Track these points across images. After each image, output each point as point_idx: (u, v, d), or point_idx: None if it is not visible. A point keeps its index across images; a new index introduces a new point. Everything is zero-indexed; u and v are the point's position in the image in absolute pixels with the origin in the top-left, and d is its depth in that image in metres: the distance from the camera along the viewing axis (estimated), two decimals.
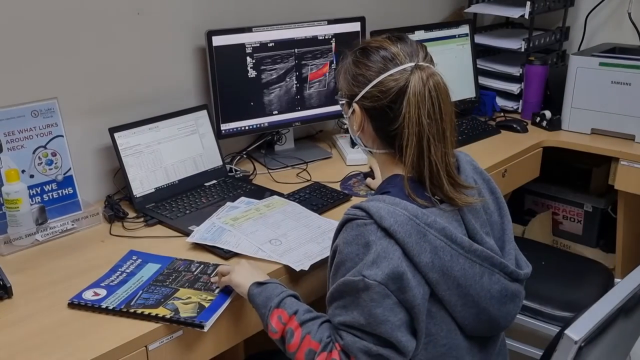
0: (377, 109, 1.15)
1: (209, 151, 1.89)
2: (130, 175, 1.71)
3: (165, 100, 1.90)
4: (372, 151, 1.24)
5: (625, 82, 2.18)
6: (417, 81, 1.10)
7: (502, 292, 1.13)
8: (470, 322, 1.12)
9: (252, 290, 1.23)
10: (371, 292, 1.04)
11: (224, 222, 1.55)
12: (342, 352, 1.11)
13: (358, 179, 1.92)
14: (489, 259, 1.11)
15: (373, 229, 1.06)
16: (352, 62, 1.19)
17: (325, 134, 2.35)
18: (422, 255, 1.05)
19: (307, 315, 1.18)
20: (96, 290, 1.32)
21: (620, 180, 2.18)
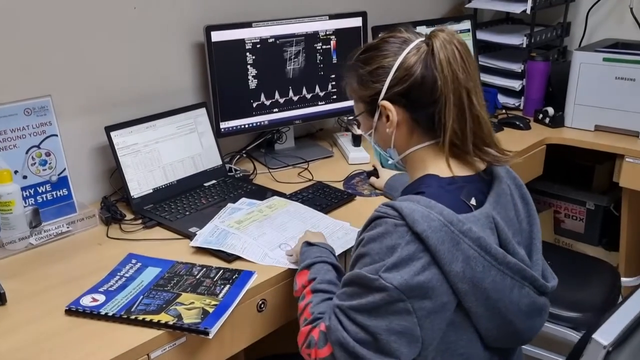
0: (411, 88, 1.10)
1: (208, 150, 1.84)
2: (127, 175, 1.66)
3: (163, 98, 1.85)
4: (408, 153, 1.18)
5: (630, 77, 2.15)
6: (442, 42, 1.07)
7: (530, 306, 1.08)
8: (494, 334, 1.07)
9: (302, 249, 1.31)
10: (383, 294, 1.00)
11: (229, 226, 1.50)
12: (322, 333, 1.10)
13: (361, 178, 1.88)
14: (521, 271, 1.06)
15: (402, 232, 1.01)
16: (361, 63, 1.16)
17: (325, 132, 2.30)
18: (454, 265, 1.00)
19: (321, 286, 1.20)
20: (94, 295, 1.27)
21: (625, 178, 2.15)
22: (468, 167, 1.14)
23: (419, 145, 1.15)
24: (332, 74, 2.04)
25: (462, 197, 1.09)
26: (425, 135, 1.14)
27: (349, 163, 2.00)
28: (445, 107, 1.08)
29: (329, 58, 2.02)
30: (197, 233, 1.48)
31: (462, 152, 1.12)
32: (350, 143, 2.09)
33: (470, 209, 1.08)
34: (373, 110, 1.16)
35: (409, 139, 1.16)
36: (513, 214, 1.13)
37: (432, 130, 1.13)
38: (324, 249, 1.30)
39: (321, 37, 1.99)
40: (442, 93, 1.07)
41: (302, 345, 1.14)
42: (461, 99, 1.08)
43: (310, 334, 1.12)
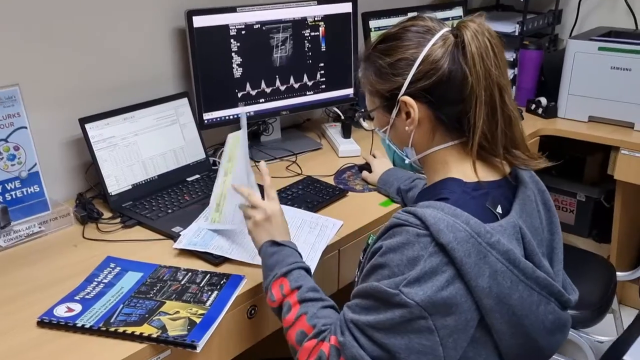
0: (437, 83, 1.00)
1: (190, 143, 1.73)
2: (104, 171, 1.54)
3: (142, 87, 1.73)
4: (429, 152, 1.08)
5: (626, 67, 2.09)
6: (473, 34, 0.98)
7: (555, 323, 1.01)
8: (515, 351, 0.99)
9: (266, 248, 1.18)
10: (404, 310, 0.91)
11: (214, 221, 1.39)
12: (333, 348, 1.00)
13: (352, 172, 1.79)
14: (548, 287, 0.98)
15: (426, 243, 0.92)
16: (381, 54, 1.04)
17: (313, 123, 2.20)
18: (480, 279, 0.92)
19: (309, 295, 1.09)
20: (70, 305, 1.16)
21: (620, 170, 2.10)
22: (494, 171, 1.05)
23: (441, 146, 1.06)
24: (321, 62, 1.94)
25: (488, 205, 1.00)
26: (448, 135, 1.05)
27: (339, 156, 1.91)
28: (476, 106, 0.98)
29: (317, 45, 1.92)
30: (181, 234, 1.38)
31: (489, 154, 1.03)
32: (340, 135, 2.00)
33: (496, 217, 1.00)
34: (391, 105, 1.06)
35: (430, 139, 1.06)
36: (538, 223, 1.06)
37: (457, 130, 1.04)
38: (293, 250, 1.18)
39: (309, 24, 1.89)
40: (472, 90, 0.98)
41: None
42: (493, 97, 0.98)
43: (318, 348, 1.02)
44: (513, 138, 1.03)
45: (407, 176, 1.61)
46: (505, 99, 1.00)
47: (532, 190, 1.08)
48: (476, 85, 0.97)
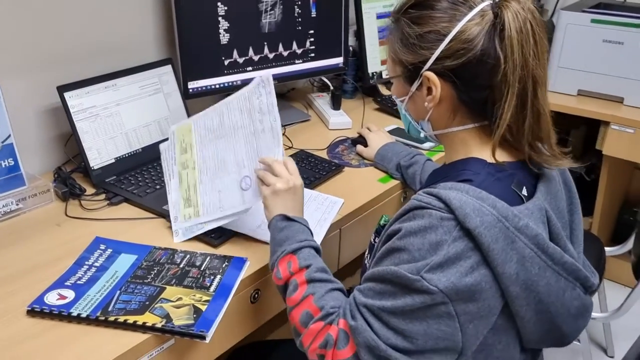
0: (466, 65, 0.92)
1: (175, 113, 1.62)
2: (85, 143, 1.43)
3: (123, 53, 1.60)
4: (448, 131, 1.01)
5: (618, 41, 2.06)
6: (514, 15, 0.89)
7: (580, 309, 0.97)
8: (537, 337, 0.96)
9: (276, 222, 1.11)
10: (425, 296, 0.86)
11: (187, 217, 1.27)
12: (342, 332, 0.94)
13: (346, 145, 1.72)
14: (575, 272, 0.94)
15: (450, 227, 0.86)
16: (410, 22, 0.96)
17: (298, 92, 2.11)
18: (507, 266, 0.87)
19: (319, 275, 1.04)
20: (61, 291, 1.07)
21: (609, 145, 2.09)
22: (515, 152, 0.99)
23: (461, 127, 0.99)
24: (311, 29, 1.84)
25: (514, 187, 0.94)
26: (469, 117, 0.98)
27: (330, 128, 1.83)
28: (507, 96, 0.91)
29: (307, 11, 1.82)
30: (174, 226, 1.27)
31: (510, 145, 0.97)
32: (329, 105, 1.92)
33: (522, 200, 0.95)
34: (413, 77, 0.99)
35: (451, 118, 1.00)
36: (562, 204, 1.01)
37: (479, 113, 0.97)
38: (305, 227, 1.12)
39: None
40: (504, 79, 0.90)
41: (313, 344, 0.97)
42: (525, 90, 0.91)
43: (325, 332, 0.96)
44: (539, 134, 0.96)
45: (406, 152, 1.55)
46: (538, 92, 0.93)
47: (555, 170, 1.03)
48: (510, 75, 0.90)
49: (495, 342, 0.94)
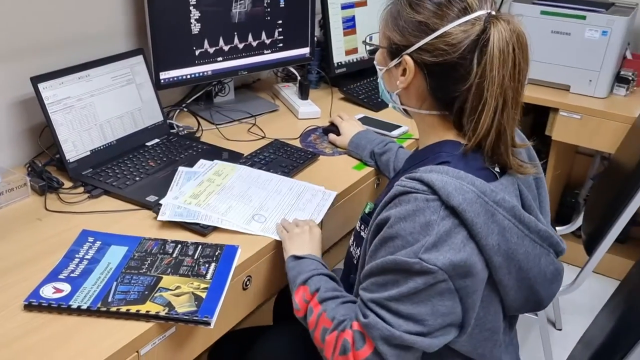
0: (440, 65, 0.97)
1: (147, 104, 1.61)
2: (60, 135, 1.40)
3: (94, 43, 1.58)
4: (415, 111, 1.07)
5: (566, 31, 2.19)
6: (501, 34, 0.93)
7: (554, 273, 1.05)
8: (518, 303, 1.03)
9: (289, 263, 1.18)
10: (427, 277, 0.91)
11: (186, 202, 1.30)
12: (357, 333, 0.98)
13: (317, 134, 1.75)
14: (549, 238, 1.02)
15: (436, 207, 0.92)
16: (408, 5, 1.00)
17: (263, 83, 2.13)
18: (489, 237, 0.93)
19: (328, 294, 1.08)
20: (56, 285, 1.06)
21: (557, 131, 2.22)
22: None
23: (427, 112, 1.06)
24: (279, 19, 1.86)
25: (487, 164, 1.01)
26: (435, 105, 1.04)
27: (299, 118, 1.86)
28: (484, 110, 0.95)
29: (276, 2, 1.83)
30: (162, 203, 1.29)
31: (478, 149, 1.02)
32: (297, 95, 1.94)
33: (495, 176, 1.02)
34: (394, 55, 1.04)
35: (419, 102, 1.06)
36: (530, 179, 1.09)
37: (445, 107, 1.03)
38: (314, 260, 1.17)
39: None
40: (477, 88, 0.95)
41: (334, 355, 1.01)
42: (496, 108, 0.95)
43: (340, 339, 1.00)
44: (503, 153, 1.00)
45: (379, 139, 1.60)
46: (504, 112, 0.96)
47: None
48: (486, 90, 0.94)
49: (486, 314, 1.01)
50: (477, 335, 1.01)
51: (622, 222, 1.73)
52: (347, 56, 2.07)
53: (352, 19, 2.07)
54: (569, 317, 2.36)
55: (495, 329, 1.03)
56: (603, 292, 1.07)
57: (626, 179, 1.78)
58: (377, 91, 2.01)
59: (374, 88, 2.05)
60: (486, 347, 1.04)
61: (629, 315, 1.04)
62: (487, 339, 1.03)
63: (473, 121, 0.97)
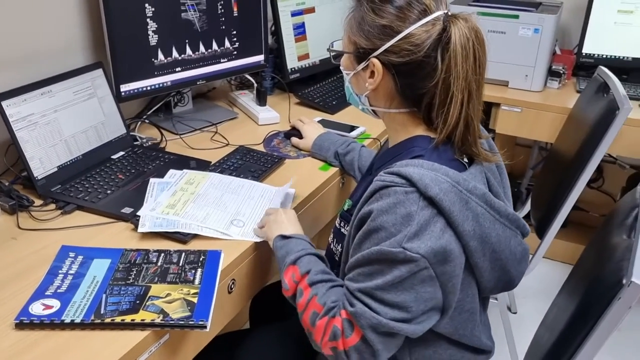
0: (407, 64, 1.04)
1: (110, 118, 1.61)
2: (27, 153, 1.39)
3: (53, 59, 1.56)
4: (385, 111, 1.14)
5: (501, 30, 2.33)
6: (461, 31, 1.01)
7: (522, 253, 1.13)
8: (492, 284, 1.11)
9: (276, 242, 1.20)
10: (411, 264, 0.98)
11: (163, 213, 1.32)
12: (346, 321, 1.04)
13: (280, 139, 1.80)
14: (516, 221, 1.10)
15: (415, 198, 0.98)
16: (371, 10, 1.06)
17: (218, 91, 2.15)
18: (465, 224, 1.00)
19: (319, 277, 1.12)
20: (45, 301, 1.05)
21: (500, 124, 2.36)
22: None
23: (397, 110, 1.12)
24: (233, 28, 1.89)
25: (456, 156, 1.09)
26: (403, 103, 1.11)
27: (260, 124, 1.90)
28: (451, 104, 1.02)
29: (230, 11, 1.86)
30: (140, 215, 1.30)
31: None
32: (254, 102, 1.98)
33: (464, 166, 1.10)
34: (361, 59, 1.10)
35: (388, 102, 1.12)
36: (494, 167, 1.17)
37: (413, 104, 1.10)
38: (302, 240, 1.20)
39: None
40: (443, 83, 1.02)
41: (324, 339, 1.06)
42: (463, 100, 1.02)
43: (330, 325, 1.05)
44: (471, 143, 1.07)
45: (342, 140, 1.66)
46: (470, 103, 1.04)
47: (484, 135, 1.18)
48: (453, 84, 1.01)
49: (464, 296, 1.08)
50: (457, 317, 1.08)
51: (567, 208, 1.85)
52: (299, 62, 2.13)
53: (302, 25, 2.12)
54: (522, 300, 2.50)
55: (474, 310, 1.11)
56: (550, 275, 1.17)
57: (567, 166, 1.91)
58: (332, 94, 2.09)
59: (328, 91, 2.11)
60: (467, 328, 1.12)
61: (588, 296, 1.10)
62: (466, 319, 1.10)
63: (442, 114, 1.04)
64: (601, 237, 1.23)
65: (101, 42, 1.63)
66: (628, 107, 1.71)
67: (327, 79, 2.21)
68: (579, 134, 1.92)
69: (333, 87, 2.15)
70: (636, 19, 2.42)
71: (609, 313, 0.97)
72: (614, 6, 2.44)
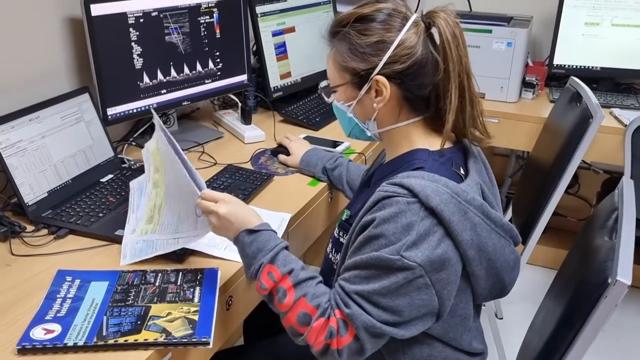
0: (412, 67, 1.08)
1: (98, 141, 1.62)
2: (17, 179, 1.38)
3: (38, 85, 1.57)
4: (390, 129, 1.16)
5: (476, 45, 2.40)
6: (446, 22, 1.07)
7: (515, 261, 1.17)
8: (486, 292, 1.14)
9: (242, 238, 1.14)
10: (407, 272, 1.01)
11: (142, 232, 1.32)
12: (341, 321, 1.06)
13: (267, 156, 1.82)
14: (510, 231, 1.13)
15: (416, 209, 1.01)
16: (357, 34, 1.10)
17: (202, 112, 2.17)
18: (464, 233, 1.03)
19: (302, 275, 1.11)
20: (45, 326, 1.06)
21: None
22: (448, 139, 1.16)
23: (405, 122, 1.15)
24: (217, 49, 1.92)
25: (454, 169, 1.12)
26: (413, 112, 1.14)
27: (246, 142, 1.92)
28: (451, 91, 1.08)
29: (212, 32, 1.89)
30: (122, 250, 1.29)
31: (453, 131, 1.14)
32: (239, 121, 2.00)
33: (461, 178, 1.13)
34: (363, 82, 1.12)
35: (395, 115, 1.15)
36: (486, 178, 1.21)
37: (421, 109, 1.14)
38: (270, 231, 1.16)
39: (203, 10, 1.85)
40: (447, 75, 1.08)
41: (318, 339, 1.07)
42: (463, 82, 1.09)
43: (326, 325, 1.07)
44: (475, 118, 1.15)
45: (329, 155, 1.69)
46: (471, 84, 1.12)
47: (475, 150, 1.23)
48: (451, 72, 1.08)
49: (458, 302, 1.12)
50: (448, 321, 1.12)
51: (547, 214, 1.91)
52: (282, 80, 2.16)
53: (283, 44, 2.16)
54: (507, 306, 2.55)
55: (466, 315, 1.14)
56: (533, 280, 1.21)
57: (546, 174, 1.97)
58: (314, 111, 2.13)
59: (310, 108, 2.15)
60: (457, 332, 1.15)
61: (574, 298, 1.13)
62: (458, 324, 1.14)
63: (450, 98, 1.09)
64: (583, 240, 1.28)
65: (86, 66, 1.64)
66: (601, 115, 1.78)
67: (308, 96, 2.24)
68: (555, 142, 1.99)
69: (315, 104, 2.19)
70: (602, 30, 2.52)
71: (596, 312, 1.01)
72: (581, 19, 2.53)
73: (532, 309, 1.36)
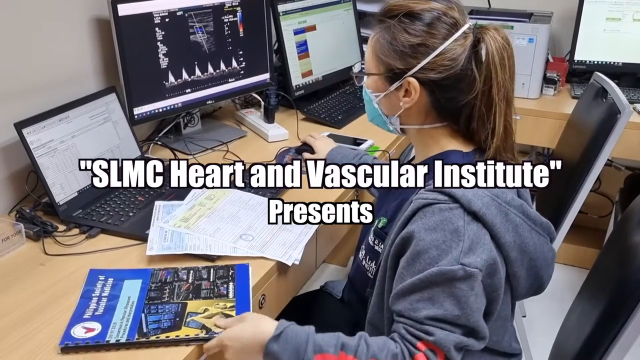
0: (447, 79, 1.05)
1: (125, 141, 1.62)
2: (48, 179, 1.39)
3: (67, 85, 1.58)
4: (417, 127, 1.14)
5: None
6: (496, 42, 1.03)
7: (552, 257, 1.15)
8: (525, 290, 1.13)
9: (272, 348, 0.99)
10: (471, 280, 0.97)
11: (175, 226, 1.33)
12: (429, 351, 0.98)
13: (292, 154, 1.81)
14: (548, 228, 1.12)
15: (460, 214, 0.99)
16: (403, 30, 1.06)
17: (225, 111, 2.17)
18: (507, 235, 1.02)
19: (351, 342, 1.00)
20: (85, 324, 1.06)
21: None
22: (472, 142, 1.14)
23: (431, 125, 1.13)
24: (240, 48, 1.92)
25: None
26: (439, 118, 1.12)
27: (269, 141, 1.92)
28: (495, 114, 1.04)
29: (236, 31, 1.89)
30: (148, 240, 1.29)
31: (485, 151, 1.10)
32: (262, 120, 2.00)
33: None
34: (394, 79, 1.10)
35: (422, 118, 1.13)
36: None
37: (448, 118, 1.11)
38: (291, 326, 1.03)
39: (227, 9, 1.85)
40: (484, 94, 1.04)
41: None
42: (501, 107, 1.05)
43: None
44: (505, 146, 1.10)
45: (354, 153, 1.68)
46: (508, 111, 1.07)
47: None
48: (495, 95, 1.04)
49: (501, 303, 1.10)
50: (492, 324, 1.09)
51: (574, 211, 1.89)
52: (303, 78, 2.16)
53: (304, 43, 2.16)
54: (529, 304, 2.53)
55: (507, 316, 1.13)
56: (554, 277, 1.19)
57: (572, 170, 1.95)
58: (337, 109, 2.12)
59: (332, 106, 2.14)
60: (499, 334, 1.13)
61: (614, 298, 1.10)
62: (500, 326, 1.12)
63: (487, 124, 1.06)
64: (619, 239, 1.26)
65: (113, 66, 1.64)
66: (629, 111, 1.76)
67: (330, 94, 2.24)
68: (580, 138, 1.97)
69: (337, 102, 2.18)
70: (624, 25, 2.50)
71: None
72: (602, 14, 2.51)
73: (554, 306, 1.34)
